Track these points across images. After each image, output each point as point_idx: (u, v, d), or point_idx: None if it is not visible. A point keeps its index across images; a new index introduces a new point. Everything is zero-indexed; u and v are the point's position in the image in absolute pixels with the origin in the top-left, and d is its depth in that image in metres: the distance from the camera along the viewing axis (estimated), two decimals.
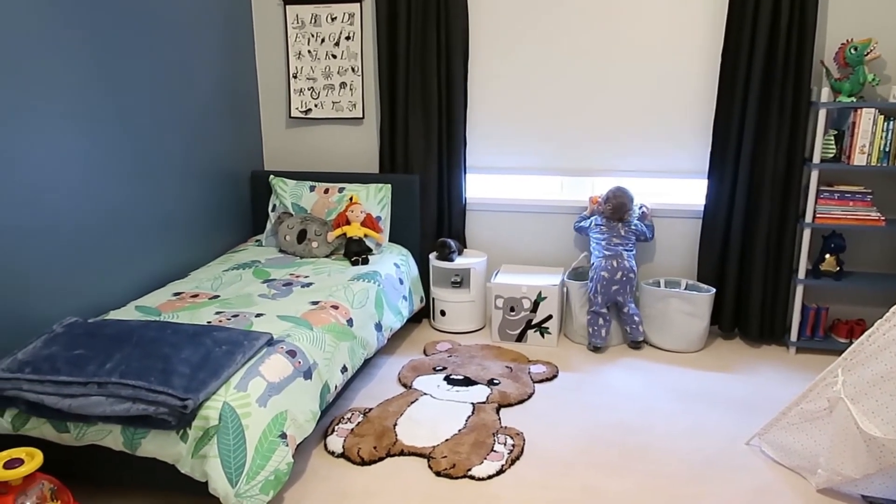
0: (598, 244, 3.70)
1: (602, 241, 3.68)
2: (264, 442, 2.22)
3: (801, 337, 3.66)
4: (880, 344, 2.23)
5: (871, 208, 3.41)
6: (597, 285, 3.62)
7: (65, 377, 2.20)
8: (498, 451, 2.67)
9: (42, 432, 2.25)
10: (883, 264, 3.67)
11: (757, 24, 3.39)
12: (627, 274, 3.61)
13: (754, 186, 3.60)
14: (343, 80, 4.08)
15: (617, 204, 3.67)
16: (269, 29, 4.15)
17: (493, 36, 3.89)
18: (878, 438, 2.17)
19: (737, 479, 2.52)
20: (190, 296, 3.07)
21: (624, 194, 3.68)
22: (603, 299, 3.62)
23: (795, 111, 3.44)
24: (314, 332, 2.72)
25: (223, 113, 3.86)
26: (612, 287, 3.61)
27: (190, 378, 2.18)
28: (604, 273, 3.60)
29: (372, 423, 2.87)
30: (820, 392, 2.43)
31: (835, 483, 2.39)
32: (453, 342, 3.79)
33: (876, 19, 3.40)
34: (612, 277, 3.60)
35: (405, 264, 3.77)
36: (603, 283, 3.60)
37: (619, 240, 3.66)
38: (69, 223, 2.79)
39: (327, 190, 3.92)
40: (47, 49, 2.64)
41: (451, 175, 3.99)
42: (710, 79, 3.65)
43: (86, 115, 2.85)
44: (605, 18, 3.73)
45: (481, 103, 3.99)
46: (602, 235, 3.69)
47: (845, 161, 3.38)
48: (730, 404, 3.08)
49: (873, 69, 3.38)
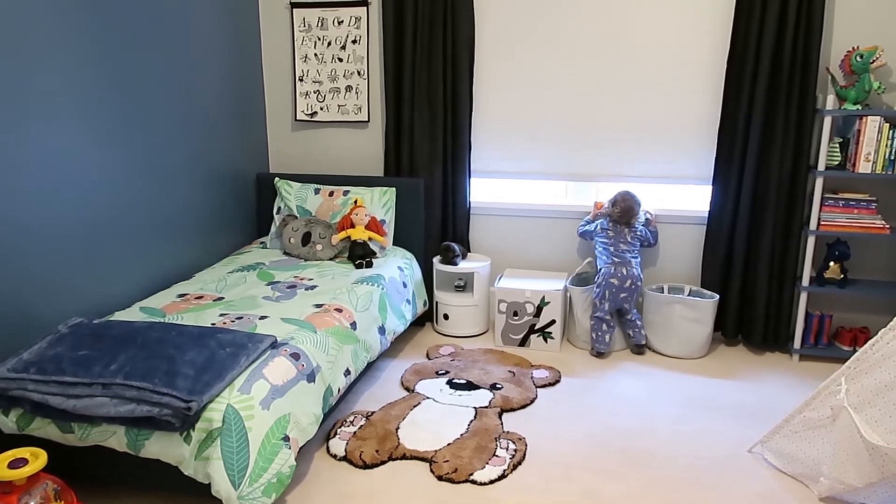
0: (605, 249, 3.69)
1: (609, 246, 3.67)
2: (267, 444, 2.23)
3: (804, 344, 3.65)
4: (884, 353, 2.23)
5: (875, 216, 3.40)
6: (605, 292, 3.62)
7: (69, 378, 2.21)
8: (500, 456, 2.67)
9: (46, 432, 2.26)
10: (887, 272, 3.66)
11: (763, 30, 3.39)
12: (636, 282, 3.62)
13: (759, 193, 3.59)
14: (349, 84, 4.10)
15: (626, 207, 3.65)
16: (275, 32, 4.16)
17: (499, 40, 3.90)
18: (881, 447, 2.17)
19: (739, 486, 2.52)
20: (194, 297, 3.08)
21: (632, 198, 3.67)
22: (610, 306, 3.62)
23: (801, 118, 3.44)
24: (318, 335, 2.72)
25: (229, 115, 3.87)
26: (621, 294, 3.61)
27: (194, 380, 2.19)
28: (613, 280, 3.60)
29: (374, 427, 2.87)
30: (823, 400, 2.42)
31: (837, 492, 2.38)
32: (456, 346, 3.79)
33: (882, 27, 3.40)
34: (621, 285, 3.60)
35: (409, 268, 3.78)
36: (612, 290, 3.60)
37: (626, 245, 3.65)
38: (75, 224, 2.81)
39: (332, 193, 3.93)
40: (55, 50, 2.66)
41: (455, 179, 4.00)
42: (716, 85, 3.65)
43: (93, 117, 2.87)
44: (611, 25, 3.73)
45: (486, 107, 4.00)
46: (609, 241, 3.68)
47: (850, 169, 3.38)
48: (732, 411, 3.08)
49: (879, 77, 3.38)
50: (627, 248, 3.65)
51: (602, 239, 3.72)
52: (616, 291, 3.61)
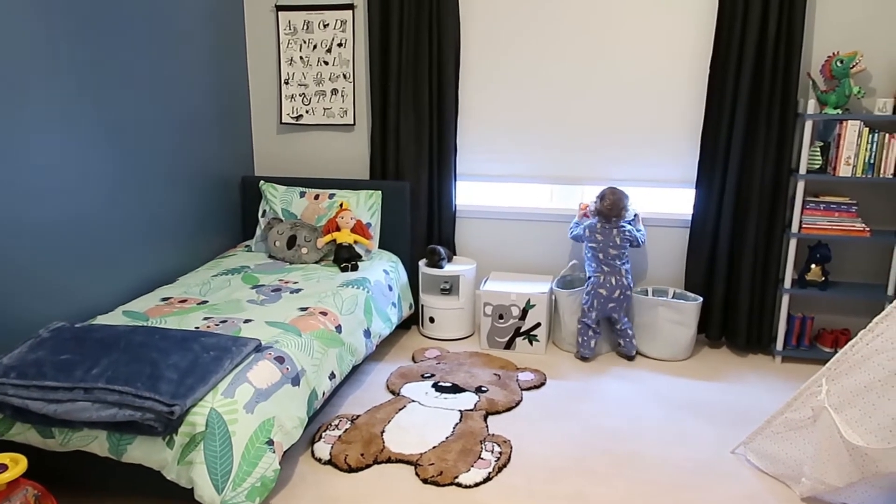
0: (594, 256, 3.64)
1: (598, 252, 3.62)
2: (251, 448, 2.22)
3: (786, 346, 3.69)
4: (864, 354, 2.25)
5: (855, 219, 3.45)
6: (592, 300, 3.60)
7: (51, 382, 2.19)
8: (485, 459, 2.67)
9: (27, 438, 2.24)
10: (867, 275, 3.70)
11: (745, 36, 3.43)
12: (625, 291, 3.60)
13: (742, 196, 3.63)
14: (334, 87, 4.09)
15: (614, 200, 3.58)
16: (261, 35, 4.15)
17: (485, 44, 3.91)
18: (861, 447, 2.19)
19: (723, 487, 2.54)
20: (178, 301, 3.06)
21: (620, 191, 3.62)
22: (597, 315, 3.61)
23: (782, 122, 3.48)
24: (303, 339, 2.71)
25: (214, 118, 3.86)
26: (609, 304, 3.60)
27: (177, 384, 2.18)
28: (601, 290, 3.58)
29: (359, 430, 2.87)
30: (804, 401, 2.45)
31: (818, 492, 2.41)
32: (442, 349, 3.79)
33: (861, 33, 3.45)
34: (609, 295, 3.59)
35: (395, 271, 3.77)
36: (600, 299, 3.59)
37: (616, 250, 3.60)
38: (56, 227, 2.78)
39: (317, 196, 3.92)
40: (35, 54, 2.63)
41: (441, 182, 4.00)
42: (699, 89, 3.69)
43: (75, 120, 2.84)
44: (596, 30, 3.76)
45: (472, 111, 4.01)
46: (597, 245, 3.62)
47: (831, 172, 3.42)
48: (716, 413, 3.10)
49: (859, 82, 3.43)
50: (617, 254, 3.60)
51: (591, 244, 3.66)
52: (604, 301, 3.59)
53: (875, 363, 2.21)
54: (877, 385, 2.19)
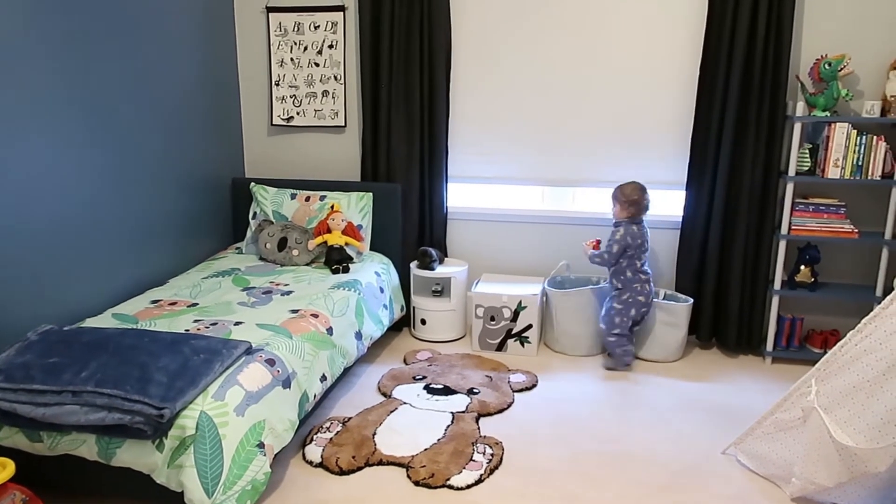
0: (630, 263, 3.54)
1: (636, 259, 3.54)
2: (241, 451, 2.21)
3: (776, 347, 3.71)
4: (853, 354, 2.27)
5: (844, 221, 3.47)
6: (629, 310, 3.54)
7: (39, 385, 2.17)
8: (477, 461, 2.67)
9: (14, 441, 2.22)
10: (856, 276, 3.73)
11: (734, 39, 3.45)
12: (652, 297, 3.61)
13: (731, 198, 3.65)
14: (325, 89, 4.09)
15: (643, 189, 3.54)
16: (251, 36, 4.14)
17: (476, 46, 3.91)
18: (850, 447, 2.21)
19: (713, 488, 2.55)
20: (168, 303, 3.05)
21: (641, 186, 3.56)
22: (632, 322, 3.56)
23: (771, 125, 3.50)
24: (294, 341, 2.70)
25: (204, 120, 3.84)
26: (642, 309, 3.56)
27: (167, 387, 2.16)
28: (640, 298, 3.54)
29: (351, 433, 2.86)
30: (794, 402, 2.46)
31: (808, 492, 2.42)
32: (433, 351, 3.79)
33: (849, 36, 3.47)
34: (646, 301, 3.56)
35: (386, 273, 3.77)
36: (638, 307, 3.54)
37: (644, 256, 3.58)
38: (45, 229, 2.76)
39: (308, 198, 3.91)
40: (19, 54, 2.61)
41: (432, 184, 4.00)
42: (689, 92, 3.70)
43: (63, 122, 2.82)
44: (587, 31, 3.77)
45: (463, 113, 4.01)
46: (636, 251, 3.54)
47: (820, 174, 3.44)
48: (707, 413, 3.11)
49: (847, 84, 3.45)
50: (646, 259, 3.58)
51: (630, 252, 3.53)
52: (640, 307, 3.55)
53: (864, 364, 2.22)
54: (866, 385, 2.21)
